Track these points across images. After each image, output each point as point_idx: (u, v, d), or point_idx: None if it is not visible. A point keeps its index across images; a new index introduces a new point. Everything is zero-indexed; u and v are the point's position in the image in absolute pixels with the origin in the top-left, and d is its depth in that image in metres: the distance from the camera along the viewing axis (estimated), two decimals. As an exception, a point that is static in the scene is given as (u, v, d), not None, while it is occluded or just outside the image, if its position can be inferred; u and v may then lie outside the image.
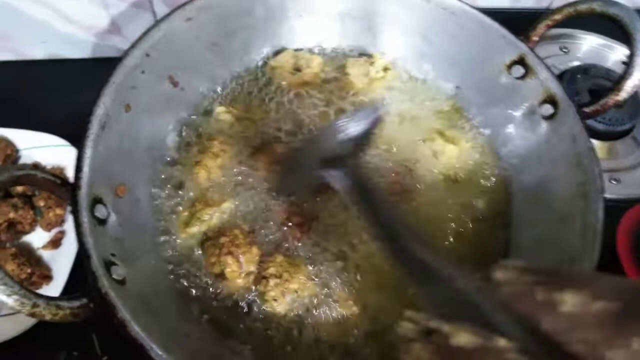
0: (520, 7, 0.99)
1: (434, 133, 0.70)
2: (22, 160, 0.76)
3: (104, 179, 0.54)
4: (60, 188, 0.50)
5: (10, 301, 0.40)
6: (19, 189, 0.71)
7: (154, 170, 0.63)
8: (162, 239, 0.60)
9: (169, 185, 0.63)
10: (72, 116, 0.74)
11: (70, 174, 0.74)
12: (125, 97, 0.59)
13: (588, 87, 0.84)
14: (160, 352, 0.44)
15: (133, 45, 0.59)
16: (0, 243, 0.69)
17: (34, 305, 0.41)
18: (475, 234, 0.63)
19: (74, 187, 0.50)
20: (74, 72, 0.88)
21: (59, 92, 0.84)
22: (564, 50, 0.95)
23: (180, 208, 0.62)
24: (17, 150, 0.76)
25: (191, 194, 0.63)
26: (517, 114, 0.68)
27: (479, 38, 0.70)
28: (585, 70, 0.88)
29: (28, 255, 0.68)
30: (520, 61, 0.67)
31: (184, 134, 0.67)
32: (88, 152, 0.52)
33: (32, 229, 0.71)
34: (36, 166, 0.75)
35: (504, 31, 0.68)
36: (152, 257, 0.58)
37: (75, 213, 0.49)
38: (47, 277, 0.67)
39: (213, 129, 0.67)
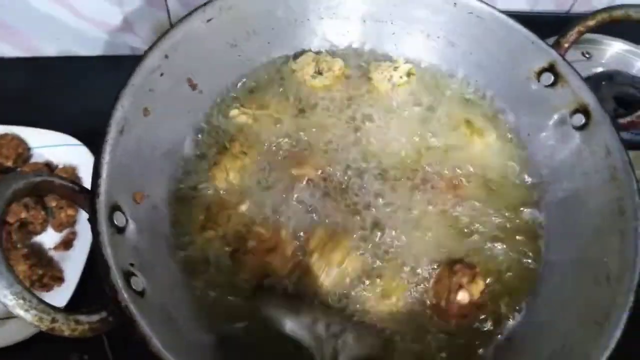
0: (540, 10, 0.97)
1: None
2: (34, 159, 0.75)
3: (122, 185, 0.52)
4: (78, 195, 0.49)
5: (29, 317, 0.38)
6: None
7: (172, 175, 0.62)
8: (179, 245, 0.58)
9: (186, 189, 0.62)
10: (84, 114, 0.75)
11: (82, 173, 0.73)
12: (144, 100, 0.57)
13: (613, 94, 0.82)
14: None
15: (152, 47, 0.57)
16: (12, 243, 0.68)
17: (53, 321, 0.40)
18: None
19: (92, 194, 0.48)
20: (86, 69, 0.87)
21: (71, 89, 0.84)
22: (587, 55, 0.92)
23: (197, 212, 0.60)
24: (29, 149, 0.75)
25: (208, 195, 0.61)
26: (547, 123, 0.66)
27: (507, 43, 0.68)
28: (610, 77, 0.85)
29: (39, 256, 0.68)
30: (550, 68, 0.65)
31: (201, 136, 0.65)
32: (106, 157, 0.50)
33: (43, 229, 0.70)
34: (48, 166, 0.74)
35: (533, 37, 0.66)
36: (171, 266, 0.56)
37: (94, 222, 0.47)
38: (59, 278, 0.66)
39: (231, 131, 0.65)
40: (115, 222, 0.49)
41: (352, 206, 0.62)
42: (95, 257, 0.46)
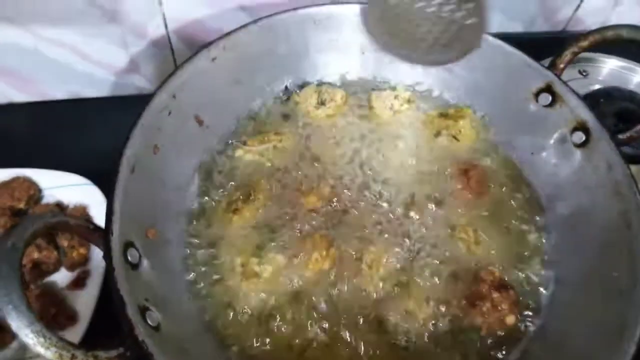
0: (535, 31, 0.99)
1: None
2: (45, 200, 0.76)
3: (135, 222, 0.54)
4: (93, 233, 0.50)
5: (49, 354, 0.39)
6: None
7: (182, 211, 0.63)
8: (193, 279, 0.59)
9: (197, 225, 0.63)
10: (93, 154, 0.76)
11: (93, 212, 0.74)
12: (153, 138, 0.59)
13: (613, 111, 0.83)
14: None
15: (160, 87, 0.60)
16: (25, 284, 0.68)
17: (73, 357, 0.40)
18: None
19: (106, 233, 0.49)
20: (94, 110, 0.89)
21: (79, 130, 0.85)
22: (584, 73, 0.94)
23: (212, 251, 0.61)
24: (40, 190, 0.76)
25: (219, 235, 0.62)
26: (548, 142, 0.67)
27: (503, 67, 0.69)
28: (608, 93, 0.87)
29: (52, 296, 0.67)
30: (548, 89, 0.66)
31: (209, 177, 0.66)
32: (119, 195, 0.52)
33: (56, 269, 0.70)
34: (59, 206, 0.74)
35: (528, 59, 0.67)
36: (185, 299, 0.57)
37: (108, 259, 0.48)
38: (72, 317, 0.66)
39: (239, 171, 0.67)
40: (129, 258, 0.50)
41: (365, 230, 0.63)
42: (110, 293, 0.46)
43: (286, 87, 0.74)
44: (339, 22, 0.71)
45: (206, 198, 0.65)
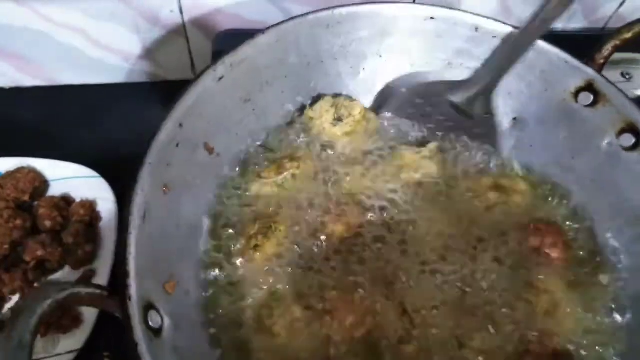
0: (572, 28, 0.92)
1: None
2: (50, 192, 0.71)
3: (152, 277, 0.47)
4: (108, 300, 0.43)
5: None
6: (47, 224, 0.67)
7: (198, 253, 0.57)
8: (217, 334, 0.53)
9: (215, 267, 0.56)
10: (102, 145, 0.77)
11: (100, 207, 0.69)
12: (163, 176, 0.51)
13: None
14: None
15: (165, 118, 0.52)
16: (29, 283, 0.64)
17: None
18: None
19: (122, 298, 0.43)
20: (104, 97, 0.86)
21: (88, 119, 0.83)
22: (627, 76, 0.85)
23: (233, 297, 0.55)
24: (46, 182, 0.72)
25: (239, 275, 0.56)
26: (590, 145, 0.62)
27: (537, 65, 0.63)
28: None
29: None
30: (588, 87, 0.61)
31: (226, 207, 0.60)
32: (132, 251, 0.45)
33: (60, 266, 0.66)
34: (65, 199, 0.70)
35: (565, 55, 0.62)
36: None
37: (130, 330, 0.41)
38: (77, 319, 0.61)
39: (256, 205, 0.61)
40: (151, 323, 0.44)
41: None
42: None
43: (299, 102, 0.67)
44: (354, 25, 0.64)
45: (223, 236, 0.58)
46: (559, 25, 0.90)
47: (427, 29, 0.65)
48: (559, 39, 0.62)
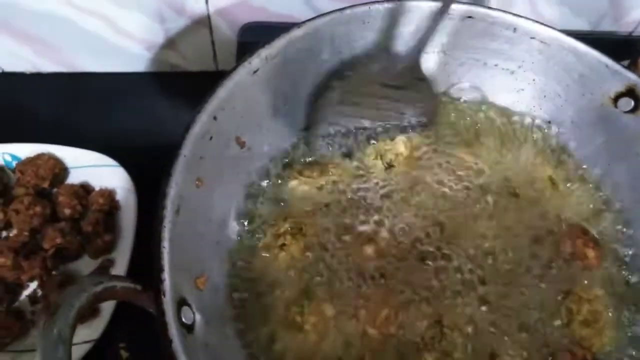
0: (600, 30, 0.88)
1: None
2: (69, 180, 0.71)
3: (184, 273, 0.46)
4: (141, 295, 0.42)
5: None
6: (67, 212, 0.67)
7: (229, 248, 0.56)
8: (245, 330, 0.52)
9: (242, 263, 0.56)
10: (122, 133, 0.76)
11: (119, 196, 0.69)
12: (196, 170, 0.50)
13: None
14: None
15: (199, 111, 0.51)
16: (47, 270, 0.64)
17: None
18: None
19: (157, 293, 0.42)
20: (125, 85, 0.85)
21: (108, 106, 0.82)
22: None
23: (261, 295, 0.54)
24: (65, 169, 0.71)
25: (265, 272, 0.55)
26: (630, 152, 0.60)
27: (576, 68, 0.62)
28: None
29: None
30: (629, 93, 0.59)
31: (256, 202, 0.59)
32: (166, 245, 0.44)
33: (79, 255, 0.66)
34: (84, 188, 0.70)
35: (606, 59, 0.60)
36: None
37: (164, 326, 0.40)
38: (95, 310, 0.61)
39: (290, 201, 0.60)
40: (184, 319, 0.43)
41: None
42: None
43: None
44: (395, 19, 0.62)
45: (251, 230, 0.57)
46: (587, 26, 0.88)
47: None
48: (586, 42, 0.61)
